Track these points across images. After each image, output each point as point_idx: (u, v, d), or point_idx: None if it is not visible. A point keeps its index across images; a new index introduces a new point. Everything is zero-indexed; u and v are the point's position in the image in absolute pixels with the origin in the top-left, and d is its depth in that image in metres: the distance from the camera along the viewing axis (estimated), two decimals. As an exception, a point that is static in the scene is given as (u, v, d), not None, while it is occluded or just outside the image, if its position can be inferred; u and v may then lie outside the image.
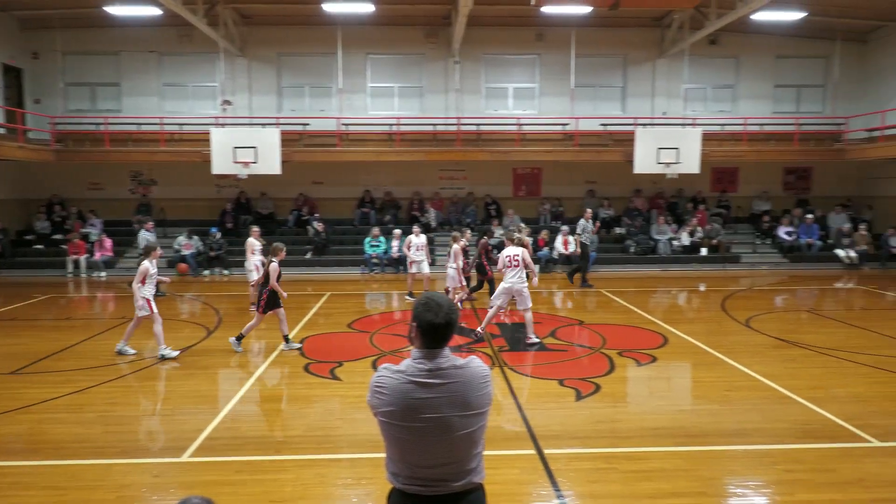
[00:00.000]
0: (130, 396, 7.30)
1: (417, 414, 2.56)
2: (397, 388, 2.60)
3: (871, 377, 7.92)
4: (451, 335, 2.67)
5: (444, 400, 2.58)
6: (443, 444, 2.59)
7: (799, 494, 4.86)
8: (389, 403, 2.60)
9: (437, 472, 2.61)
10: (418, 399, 2.57)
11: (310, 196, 20.53)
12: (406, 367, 2.65)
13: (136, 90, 19.99)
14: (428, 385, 2.59)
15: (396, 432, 2.60)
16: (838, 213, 19.79)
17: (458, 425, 2.59)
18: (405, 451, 2.61)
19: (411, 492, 2.63)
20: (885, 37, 19.53)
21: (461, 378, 2.63)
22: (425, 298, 2.70)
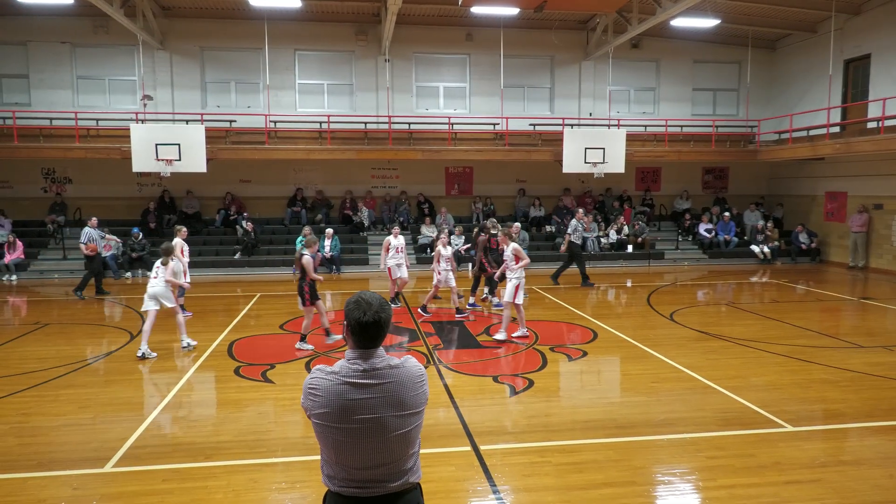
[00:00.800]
0: (46, 406, 6.90)
1: (352, 415, 2.53)
2: (331, 389, 2.56)
3: (784, 366, 8.40)
4: (383, 334, 2.63)
5: (379, 400, 2.56)
6: (379, 445, 2.56)
7: (721, 480, 5.10)
8: (323, 405, 2.55)
9: (374, 474, 2.59)
10: (353, 400, 2.54)
11: (237, 195, 19.98)
12: (340, 368, 2.61)
13: (46, 83, 18.89)
14: (363, 386, 2.56)
15: (332, 434, 2.56)
16: (752, 211, 20.88)
17: (394, 425, 2.57)
18: (341, 453, 2.57)
19: (348, 494, 2.60)
20: (793, 44, 20.75)
21: (396, 378, 2.61)
22: (356, 297, 2.64)
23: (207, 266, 17.49)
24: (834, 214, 19.61)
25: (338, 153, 18.75)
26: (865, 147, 16.17)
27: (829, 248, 19.77)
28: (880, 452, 5.63)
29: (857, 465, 5.36)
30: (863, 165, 18.16)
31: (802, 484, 5.01)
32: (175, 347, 9.42)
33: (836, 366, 8.32)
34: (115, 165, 18.11)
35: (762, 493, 4.86)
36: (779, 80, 21.57)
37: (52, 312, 12.31)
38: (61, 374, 8.05)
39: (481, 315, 11.72)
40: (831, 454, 5.62)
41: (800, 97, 20.32)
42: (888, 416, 6.51)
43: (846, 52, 18.34)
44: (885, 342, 9.68)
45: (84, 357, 8.88)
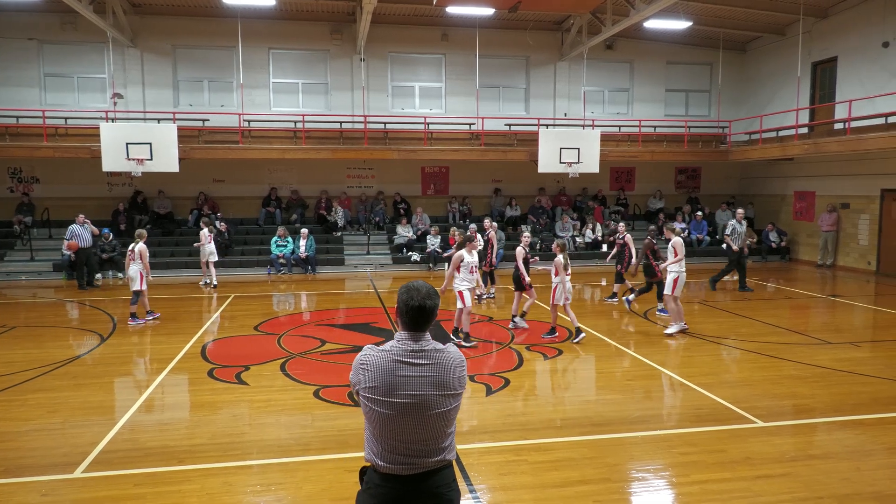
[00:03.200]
0: (13, 411, 6.74)
1: (399, 390, 2.73)
2: (382, 365, 2.76)
3: (754, 362, 8.55)
4: (430, 319, 2.83)
5: (425, 379, 2.75)
6: (420, 422, 2.74)
7: (693, 475, 5.18)
8: (373, 380, 2.75)
9: (415, 449, 2.75)
10: (401, 377, 2.74)
11: (211, 195, 19.73)
12: (391, 347, 2.82)
13: (12, 80, 18.45)
14: (411, 364, 2.77)
15: (377, 408, 2.74)
16: (724, 211, 21.20)
17: (436, 403, 2.76)
18: (385, 427, 2.74)
19: (389, 471, 2.76)
20: (762, 46, 21.13)
21: (441, 360, 2.81)
22: (408, 285, 2.87)
23: (181, 267, 17.26)
24: (803, 213, 20.02)
25: (313, 153, 18.61)
26: (833, 147, 16.53)
27: (798, 246, 20.17)
28: (847, 446, 5.76)
29: (825, 459, 5.47)
30: (830, 165, 18.57)
31: (773, 478, 5.11)
32: (148, 349, 9.29)
33: (806, 362, 8.49)
34: (85, 165, 17.77)
35: (734, 488, 4.94)
36: (749, 81, 21.94)
37: (19, 315, 12.04)
38: (29, 377, 7.88)
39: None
40: (800, 448, 5.74)
41: (769, 98, 20.70)
42: (855, 411, 6.67)
43: (814, 55, 18.73)
44: (852, 338, 9.91)
45: (53, 360, 8.70)
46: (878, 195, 17.17)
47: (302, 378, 7.79)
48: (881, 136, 14.95)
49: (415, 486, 2.76)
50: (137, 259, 10.89)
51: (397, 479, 2.76)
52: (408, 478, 2.76)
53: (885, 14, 16.39)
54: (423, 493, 2.77)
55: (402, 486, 2.76)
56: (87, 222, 15.10)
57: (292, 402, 6.91)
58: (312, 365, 8.48)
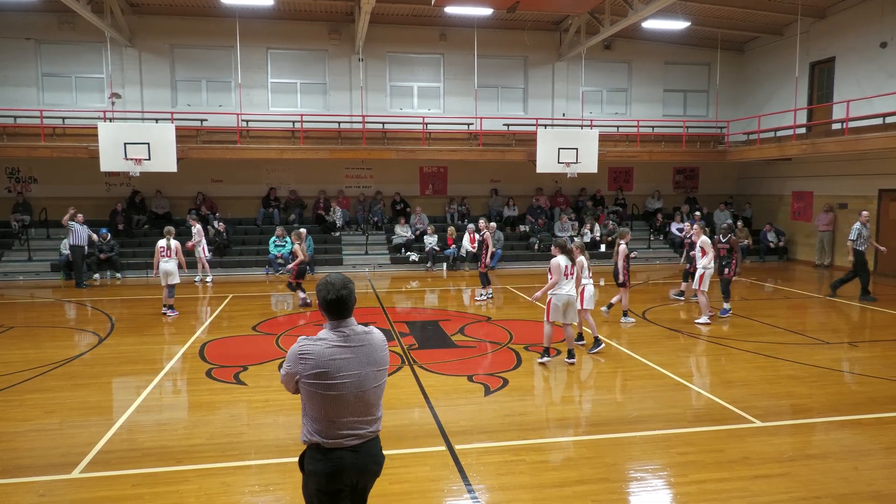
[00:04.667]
0: (10, 411, 6.74)
1: (342, 372, 3.08)
2: (322, 352, 3.09)
3: (752, 362, 8.56)
4: (350, 306, 3.19)
5: (361, 360, 3.14)
6: (362, 397, 3.14)
7: (692, 475, 5.18)
8: (316, 367, 3.07)
9: (359, 421, 3.15)
10: (342, 360, 3.09)
11: (209, 195, 19.71)
12: (326, 336, 3.16)
13: (10, 80, 18.42)
14: (348, 347, 3.14)
15: (324, 391, 3.07)
16: (722, 211, 21.22)
17: (373, 379, 3.18)
18: (332, 407, 3.08)
19: (336, 446, 3.12)
20: (760, 47, 21.16)
21: (370, 341, 3.22)
22: (323, 280, 3.22)
23: (178, 267, 17.17)
24: (800, 214, 20.04)
25: (311, 153, 18.60)
26: (831, 148, 16.56)
27: (795, 246, 20.20)
28: (845, 446, 5.77)
29: (823, 459, 5.48)
30: (828, 166, 18.59)
31: (771, 478, 5.11)
32: (146, 349, 9.28)
33: (803, 362, 8.50)
34: (83, 165, 17.75)
35: (732, 488, 4.95)
36: (747, 81, 21.97)
37: (17, 315, 12.02)
38: (27, 378, 7.87)
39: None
40: (798, 448, 5.74)
41: (767, 98, 20.72)
42: (853, 411, 6.68)
43: (812, 55, 18.76)
44: (849, 338, 9.93)
45: (51, 360, 8.69)
46: (876, 195, 17.19)
47: (300, 378, 7.76)
48: (879, 137, 14.98)
49: (358, 455, 3.15)
50: (174, 255, 11.60)
51: (340, 451, 3.12)
52: (350, 449, 3.14)
53: (882, 14, 16.42)
54: (363, 462, 3.18)
55: (345, 457, 3.13)
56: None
57: (290, 403, 6.91)
58: (311, 365, 8.46)
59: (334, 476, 3.12)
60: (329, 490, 3.14)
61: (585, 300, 9.06)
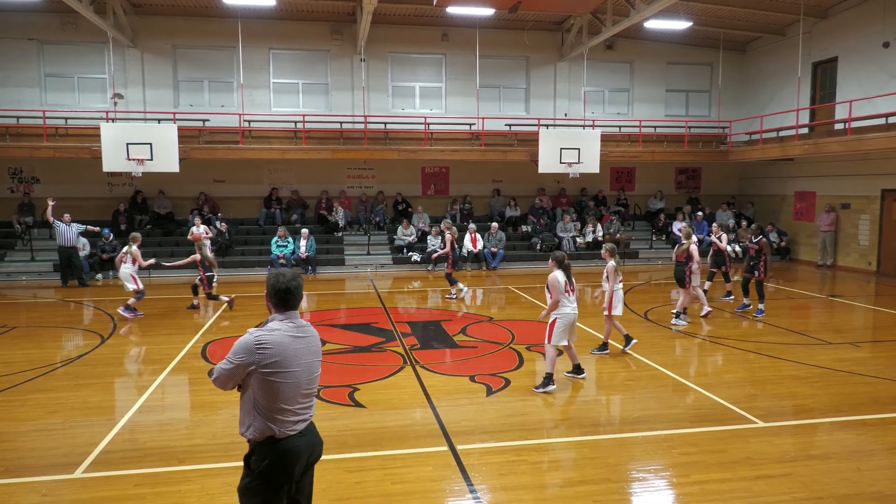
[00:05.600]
0: (12, 411, 6.75)
1: (297, 360, 3.28)
2: (280, 341, 3.26)
3: (754, 363, 8.55)
4: (298, 299, 3.38)
5: (310, 349, 3.39)
6: (311, 383, 3.39)
7: (694, 475, 5.17)
8: (274, 356, 3.22)
9: (307, 405, 3.38)
10: (295, 349, 3.29)
11: (211, 195, 19.73)
12: (279, 326, 3.32)
13: (12, 80, 18.46)
14: (299, 338, 3.35)
15: (281, 378, 3.22)
16: (724, 211, 21.19)
17: (317, 367, 3.46)
18: (286, 394, 3.24)
19: (284, 435, 3.26)
20: (762, 47, 21.13)
21: (313, 333, 3.49)
22: (274, 272, 3.40)
23: (181, 267, 17.21)
24: (803, 214, 20.01)
25: (313, 153, 18.61)
26: (833, 148, 16.53)
27: (798, 246, 20.16)
28: (848, 446, 5.76)
29: (825, 460, 5.47)
30: (831, 166, 18.56)
31: (773, 478, 5.11)
32: (149, 349, 9.29)
33: (806, 362, 8.49)
34: (85, 165, 17.78)
35: (734, 488, 4.94)
36: (749, 81, 21.94)
37: (20, 315, 12.04)
38: (29, 378, 7.88)
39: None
40: (801, 449, 5.73)
41: (770, 99, 20.69)
42: (855, 411, 6.66)
43: (814, 55, 18.73)
44: (852, 339, 9.91)
45: (53, 360, 8.70)
46: (879, 195, 17.16)
47: (302, 378, 7.77)
48: (881, 137, 14.95)
49: (306, 438, 3.35)
50: (129, 262, 11.46)
51: (292, 438, 3.29)
52: (300, 433, 3.33)
53: (885, 14, 16.39)
54: (311, 442, 3.40)
55: (297, 443, 3.30)
56: (73, 223, 15.38)
57: (292, 403, 6.91)
58: (312, 365, 8.47)
59: (290, 465, 3.27)
60: (279, 483, 3.26)
61: (615, 305, 8.73)
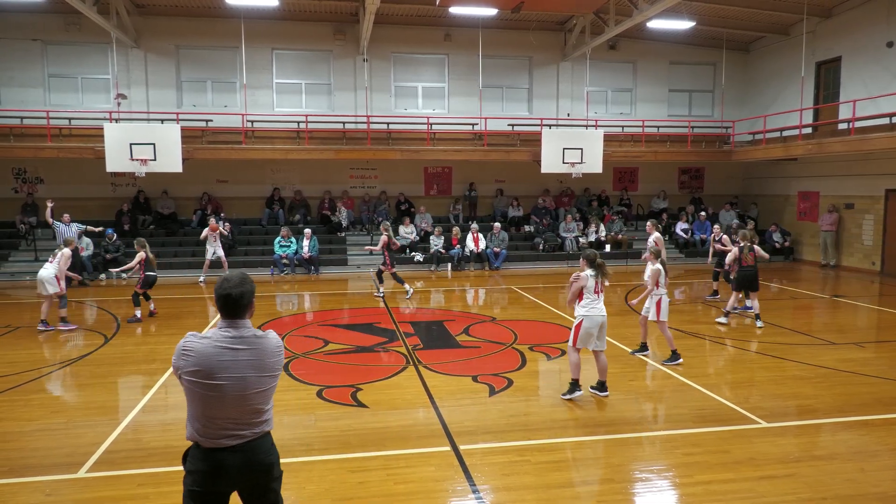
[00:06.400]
0: (16, 411, 6.76)
1: (221, 373, 3.00)
2: (204, 351, 3.03)
3: (758, 363, 8.53)
4: (244, 306, 3.12)
5: (244, 363, 3.05)
6: (241, 400, 3.05)
7: (697, 476, 5.16)
8: (196, 364, 3.00)
9: (237, 424, 3.07)
10: (222, 361, 3.01)
11: (214, 195, 19.76)
12: (212, 334, 3.09)
13: (16, 80, 18.50)
14: (231, 349, 3.05)
15: (201, 389, 3.00)
16: (727, 211, 21.16)
17: (255, 384, 3.08)
18: (207, 407, 3.02)
19: (211, 445, 3.04)
20: (766, 46, 21.09)
21: (259, 345, 3.12)
22: (222, 276, 3.18)
23: (183, 267, 17.28)
24: (806, 214, 19.96)
25: (316, 153, 18.63)
26: (837, 148, 16.49)
27: (802, 246, 20.11)
28: (852, 447, 5.75)
29: (829, 460, 5.46)
30: (834, 166, 18.51)
31: (777, 479, 5.09)
32: (152, 349, 9.30)
33: (809, 362, 8.47)
34: (89, 165, 17.82)
35: (738, 489, 4.93)
36: (753, 81, 21.89)
37: (23, 315, 12.05)
38: (33, 378, 7.90)
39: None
40: (804, 449, 5.72)
41: (773, 98, 20.65)
42: (859, 412, 6.64)
43: (818, 55, 18.69)
44: (855, 339, 9.88)
45: (56, 360, 8.72)
46: (883, 195, 17.11)
47: (305, 378, 7.79)
48: (885, 137, 14.90)
49: (236, 455, 3.06)
50: (57, 262, 10.47)
51: (220, 451, 3.05)
52: (229, 449, 3.06)
53: (889, 14, 16.34)
54: (245, 462, 3.09)
55: (226, 457, 3.05)
56: (72, 223, 15.42)
57: (295, 403, 6.92)
58: (315, 365, 8.49)
59: (214, 476, 3.04)
60: (207, 491, 3.05)
61: (662, 311, 8.48)
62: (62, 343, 9.83)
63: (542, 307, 12.50)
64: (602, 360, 7.10)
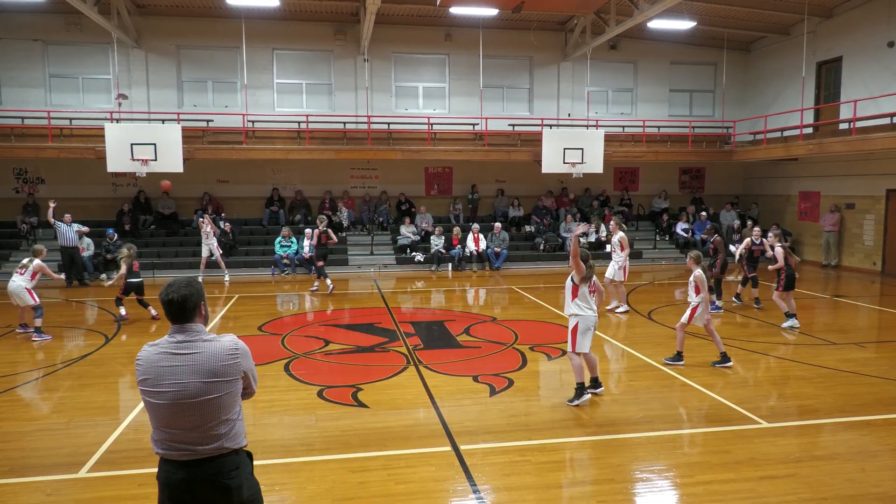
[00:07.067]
0: (18, 411, 6.77)
1: (164, 380, 2.86)
2: (150, 358, 2.92)
3: (758, 363, 8.53)
4: (188, 310, 2.95)
5: (188, 368, 2.87)
6: (188, 409, 2.86)
7: (698, 476, 5.16)
8: (144, 373, 2.90)
9: (188, 437, 2.88)
10: (165, 367, 2.88)
11: (215, 195, 19.77)
12: (161, 341, 2.97)
13: (17, 81, 18.52)
14: (175, 355, 2.90)
15: (150, 398, 2.89)
16: (728, 211, 21.15)
17: (202, 391, 2.86)
18: (159, 416, 2.90)
19: (170, 458, 2.92)
20: (766, 46, 21.07)
21: (207, 349, 2.93)
22: (167, 282, 3.02)
23: (185, 267, 17.29)
24: (807, 214, 19.95)
25: (316, 153, 18.63)
26: (838, 148, 16.48)
27: (802, 247, 20.10)
28: (853, 447, 5.74)
29: (830, 460, 5.46)
30: (835, 166, 18.50)
31: (777, 479, 5.09)
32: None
33: (810, 362, 8.46)
34: (89, 165, 17.83)
35: (738, 489, 4.93)
36: (753, 81, 21.88)
37: (23, 316, 12.04)
38: (34, 377, 7.90)
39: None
40: (805, 449, 5.71)
41: (774, 98, 20.64)
42: (860, 412, 6.64)
43: (819, 55, 18.68)
44: (856, 339, 9.87)
45: (57, 360, 8.72)
46: (884, 195, 17.10)
47: (305, 378, 7.79)
48: (886, 137, 14.90)
49: (189, 471, 2.89)
50: (28, 276, 10.04)
51: (174, 464, 2.91)
52: (183, 463, 2.90)
53: (890, 14, 16.33)
54: (197, 480, 2.89)
55: (179, 471, 2.90)
56: (73, 223, 15.45)
57: (296, 403, 6.92)
58: (316, 365, 8.49)
59: (170, 489, 2.92)
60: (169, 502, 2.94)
61: (696, 318, 8.19)
62: (62, 343, 9.83)
63: (543, 307, 12.50)
64: (591, 357, 7.02)
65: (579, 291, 6.74)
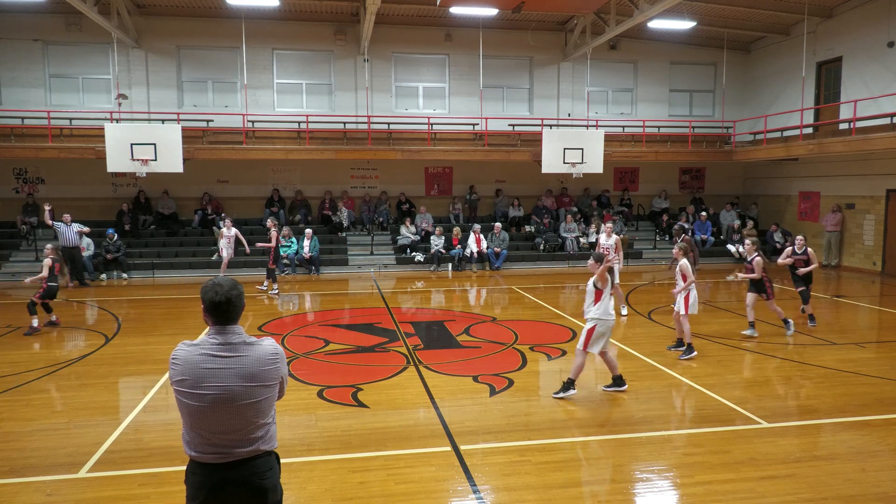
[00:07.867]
0: (18, 411, 6.77)
1: (206, 382, 2.82)
2: (190, 359, 2.86)
3: (758, 363, 8.53)
4: (235, 312, 2.93)
5: (232, 371, 2.85)
6: (230, 412, 2.85)
7: (698, 476, 5.16)
8: (182, 373, 2.85)
9: (225, 439, 2.86)
10: (208, 369, 2.83)
11: (215, 195, 19.77)
12: (201, 342, 2.91)
13: (17, 81, 18.52)
14: (219, 357, 2.87)
15: (188, 399, 2.84)
16: (728, 211, 21.15)
17: (244, 395, 2.86)
18: (196, 418, 2.85)
19: (203, 461, 2.88)
20: (766, 46, 21.07)
21: (250, 353, 2.92)
22: (211, 281, 2.97)
23: (185, 267, 17.30)
24: (807, 214, 19.95)
25: (316, 153, 18.63)
26: (837, 148, 16.48)
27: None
28: (852, 447, 5.74)
29: (830, 460, 5.46)
30: (835, 166, 18.51)
31: (777, 479, 5.09)
32: (153, 349, 9.31)
33: (810, 363, 8.46)
34: (89, 165, 17.83)
35: (738, 489, 4.93)
36: (753, 81, 21.89)
37: (24, 315, 12.04)
38: (34, 377, 7.90)
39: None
40: (805, 449, 5.71)
41: (774, 98, 20.64)
42: (860, 412, 6.64)
43: (819, 55, 18.68)
44: (856, 339, 9.88)
45: (57, 360, 8.72)
46: (884, 195, 17.11)
47: (306, 378, 7.79)
48: (886, 137, 14.90)
49: (225, 473, 2.87)
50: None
51: (208, 466, 2.87)
52: (217, 466, 2.87)
53: (890, 14, 16.33)
54: (233, 481, 2.88)
55: (213, 474, 2.87)
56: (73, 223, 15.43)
57: (296, 403, 6.92)
58: (316, 365, 8.49)
59: (204, 490, 2.86)
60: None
61: (690, 305, 8.60)
62: (63, 343, 9.83)
63: (543, 307, 12.50)
64: (610, 357, 7.25)
65: (602, 296, 6.95)
